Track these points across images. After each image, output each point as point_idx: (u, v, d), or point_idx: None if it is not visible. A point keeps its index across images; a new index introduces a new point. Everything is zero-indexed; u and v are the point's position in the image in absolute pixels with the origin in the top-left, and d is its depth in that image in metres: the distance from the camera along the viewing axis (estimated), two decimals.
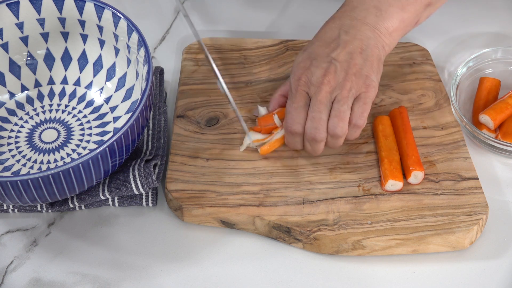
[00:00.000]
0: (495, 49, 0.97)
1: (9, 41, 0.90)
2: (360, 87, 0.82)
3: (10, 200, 0.76)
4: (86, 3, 0.87)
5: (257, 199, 0.82)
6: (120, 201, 0.83)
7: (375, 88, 0.83)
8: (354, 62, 0.82)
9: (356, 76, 0.81)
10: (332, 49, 0.83)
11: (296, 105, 0.83)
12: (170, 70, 0.99)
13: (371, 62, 0.83)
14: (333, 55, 0.82)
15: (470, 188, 0.84)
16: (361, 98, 0.82)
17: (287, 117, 0.84)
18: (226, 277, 0.79)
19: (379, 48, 0.84)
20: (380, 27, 0.84)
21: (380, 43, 0.84)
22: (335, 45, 0.83)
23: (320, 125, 0.82)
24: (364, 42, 0.83)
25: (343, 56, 0.82)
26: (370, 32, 0.84)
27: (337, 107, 0.81)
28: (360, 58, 0.82)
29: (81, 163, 0.74)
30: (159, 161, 0.86)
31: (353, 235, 0.79)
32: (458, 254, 0.81)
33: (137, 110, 0.77)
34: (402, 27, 0.86)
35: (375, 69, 0.83)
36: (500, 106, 0.90)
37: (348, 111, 0.82)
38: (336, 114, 0.81)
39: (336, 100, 0.81)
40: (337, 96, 0.81)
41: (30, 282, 0.78)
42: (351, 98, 0.82)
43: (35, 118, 0.90)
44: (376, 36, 0.84)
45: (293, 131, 0.84)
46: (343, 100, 0.81)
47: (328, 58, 0.82)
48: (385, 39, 0.85)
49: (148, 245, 0.81)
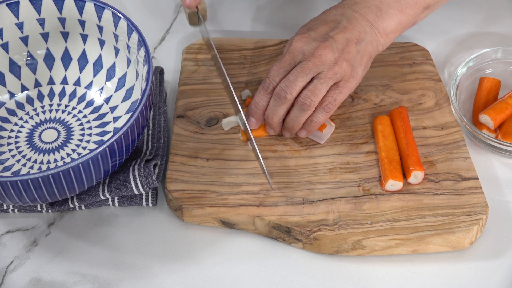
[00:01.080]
0: (495, 49, 0.97)
1: (9, 41, 0.90)
2: (344, 75, 0.83)
3: (10, 200, 0.76)
4: (86, 3, 0.87)
5: (257, 199, 0.82)
6: (120, 201, 0.83)
7: (356, 82, 0.84)
8: (348, 49, 0.83)
9: (347, 62, 0.83)
10: (332, 28, 0.85)
11: (280, 65, 0.84)
12: (170, 70, 0.99)
13: (362, 56, 0.84)
14: (331, 34, 0.84)
15: (470, 188, 0.84)
16: (339, 85, 0.83)
17: (267, 74, 0.85)
18: (226, 277, 0.79)
19: (373, 45, 0.85)
20: (379, 26, 0.86)
21: (375, 41, 0.85)
22: (334, 26, 0.85)
23: (292, 87, 0.83)
24: (362, 35, 0.84)
25: (340, 39, 0.83)
26: (369, 28, 0.85)
27: (316, 83, 0.82)
28: (354, 48, 0.84)
29: (81, 163, 0.74)
30: (159, 161, 0.86)
31: (353, 235, 0.79)
32: (458, 254, 0.81)
33: (137, 110, 0.77)
34: (400, 29, 0.87)
35: (363, 64, 0.85)
36: (500, 106, 0.90)
37: (324, 91, 0.83)
38: (312, 89, 0.82)
39: (317, 77, 0.82)
40: (320, 73, 0.82)
41: (30, 282, 0.78)
42: (332, 81, 0.83)
43: (35, 118, 0.90)
44: (373, 34, 0.85)
45: (265, 87, 0.85)
46: (324, 79, 0.82)
47: (326, 35, 0.84)
48: (380, 39, 0.86)
49: (148, 245, 0.81)
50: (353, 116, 0.92)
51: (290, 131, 0.87)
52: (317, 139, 0.88)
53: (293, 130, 0.86)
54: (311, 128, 0.86)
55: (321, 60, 0.82)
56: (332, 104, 0.83)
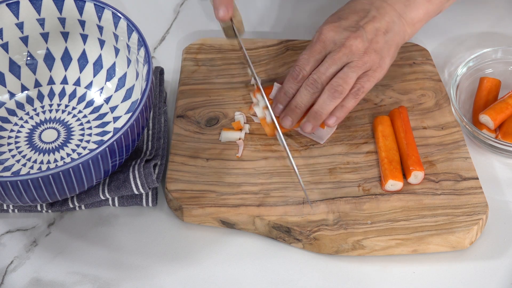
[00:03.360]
0: (495, 49, 0.97)
1: (9, 41, 0.90)
2: (373, 65, 0.84)
3: (10, 200, 0.76)
4: (86, 3, 0.87)
5: (257, 199, 0.82)
6: (120, 201, 0.83)
7: (383, 72, 0.85)
8: (377, 39, 0.84)
9: (376, 52, 0.84)
10: (361, 17, 0.85)
11: (310, 54, 0.85)
12: (170, 70, 0.99)
13: (389, 46, 0.85)
14: (361, 23, 0.84)
15: (470, 188, 0.84)
16: (368, 74, 0.84)
17: (296, 62, 0.85)
18: (226, 277, 0.79)
19: (400, 35, 0.86)
20: (407, 16, 0.86)
21: (402, 31, 0.86)
22: (364, 15, 0.85)
23: (323, 78, 0.84)
24: (390, 25, 0.85)
25: (370, 29, 0.84)
26: (397, 18, 0.86)
27: (347, 71, 0.83)
28: (382, 38, 0.84)
29: (81, 163, 0.74)
30: (159, 161, 0.86)
31: (353, 235, 0.79)
32: (458, 254, 0.81)
33: (137, 110, 0.77)
34: (426, 18, 0.88)
35: (391, 53, 0.86)
36: (500, 106, 0.90)
37: (354, 79, 0.84)
38: (343, 76, 0.83)
39: (348, 65, 0.83)
40: (351, 63, 0.83)
41: (30, 282, 0.78)
42: (362, 70, 0.84)
43: (35, 118, 0.90)
44: (401, 24, 0.86)
45: (295, 75, 0.85)
46: (355, 68, 0.83)
47: (357, 25, 0.84)
48: (407, 29, 0.87)
49: (148, 245, 0.81)
50: (353, 116, 0.92)
51: (316, 120, 0.85)
52: (317, 139, 0.88)
53: (320, 118, 0.85)
54: (341, 114, 0.85)
55: (351, 50, 0.83)
56: (361, 91, 0.84)
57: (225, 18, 0.88)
